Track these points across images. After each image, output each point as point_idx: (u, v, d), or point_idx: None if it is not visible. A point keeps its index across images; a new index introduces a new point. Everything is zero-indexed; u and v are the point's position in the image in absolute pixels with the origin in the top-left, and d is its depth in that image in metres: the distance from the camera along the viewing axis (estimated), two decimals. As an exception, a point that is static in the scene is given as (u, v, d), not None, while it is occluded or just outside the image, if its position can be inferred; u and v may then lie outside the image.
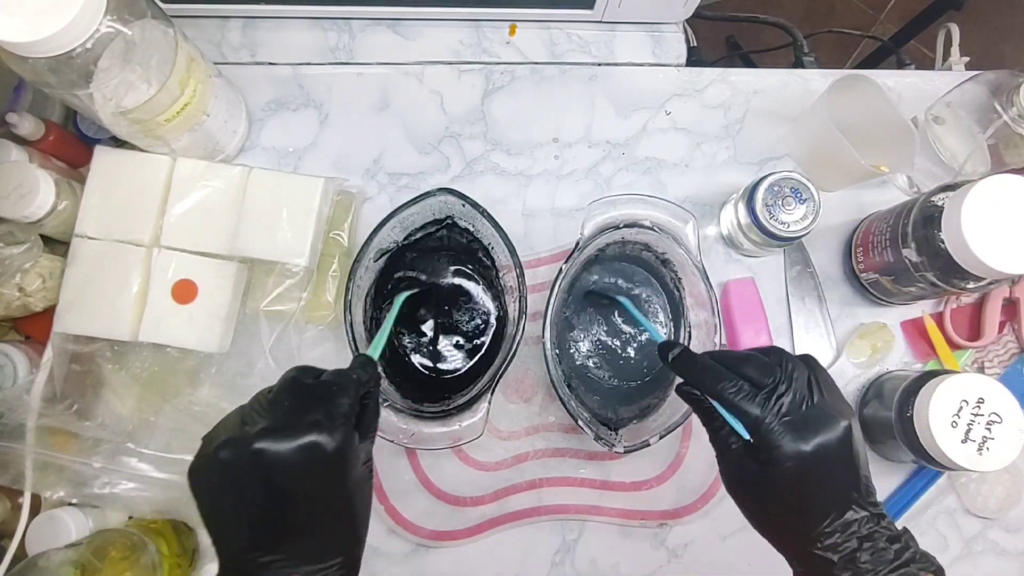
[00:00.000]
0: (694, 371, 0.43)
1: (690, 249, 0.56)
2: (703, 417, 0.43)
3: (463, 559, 0.61)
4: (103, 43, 0.46)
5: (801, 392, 0.40)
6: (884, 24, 1.53)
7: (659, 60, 0.72)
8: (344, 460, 0.37)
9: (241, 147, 0.66)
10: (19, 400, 0.56)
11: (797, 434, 0.38)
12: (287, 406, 0.38)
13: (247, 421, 0.37)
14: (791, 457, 0.38)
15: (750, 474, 0.40)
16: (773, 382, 0.40)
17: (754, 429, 0.39)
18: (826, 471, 0.38)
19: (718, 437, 0.42)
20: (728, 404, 0.40)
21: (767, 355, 0.42)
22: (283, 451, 0.35)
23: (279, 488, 0.35)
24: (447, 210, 0.58)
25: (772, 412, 0.39)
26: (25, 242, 0.56)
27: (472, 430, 0.52)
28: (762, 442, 0.39)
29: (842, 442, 0.38)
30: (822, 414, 0.39)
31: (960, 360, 0.65)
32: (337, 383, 0.40)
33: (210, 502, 0.36)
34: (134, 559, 0.53)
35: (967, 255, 0.52)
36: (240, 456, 0.35)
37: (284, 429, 0.35)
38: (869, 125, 0.62)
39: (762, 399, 0.39)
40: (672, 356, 0.45)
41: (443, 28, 0.70)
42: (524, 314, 0.53)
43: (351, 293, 0.53)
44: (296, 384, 0.39)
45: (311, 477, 0.36)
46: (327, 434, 0.36)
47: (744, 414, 0.39)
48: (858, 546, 0.37)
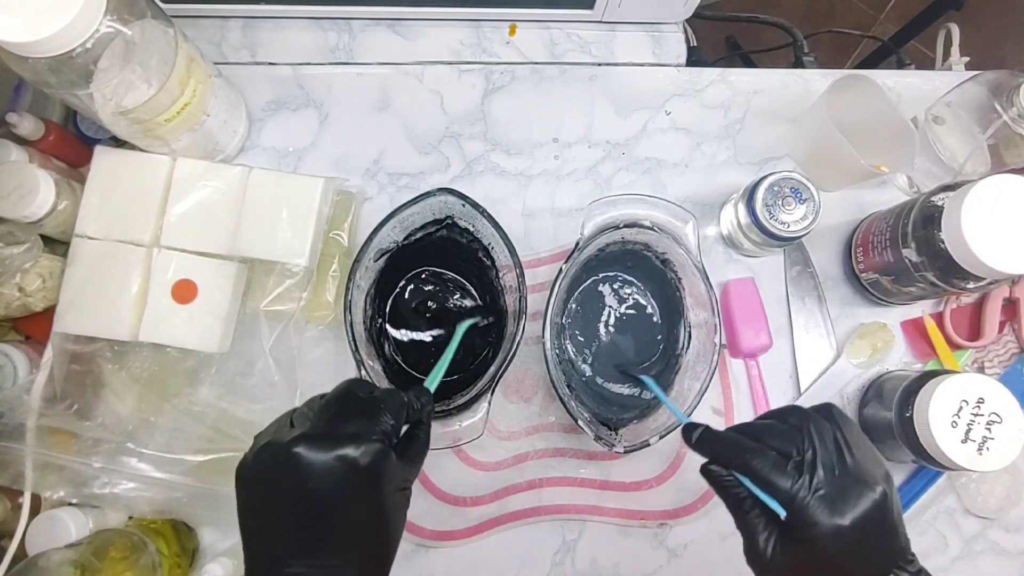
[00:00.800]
0: (719, 448, 0.41)
1: (690, 249, 0.56)
2: (729, 501, 0.41)
3: (463, 559, 0.61)
4: (103, 43, 0.46)
5: (830, 458, 0.38)
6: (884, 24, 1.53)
7: (659, 60, 0.72)
8: (377, 478, 0.36)
9: (241, 147, 0.66)
10: (19, 400, 0.56)
11: (833, 508, 0.36)
12: (332, 414, 0.38)
13: (295, 422, 0.37)
14: (829, 534, 0.36)
15: (785, 557, 0.38)
16: (800, 451, 0.38)
17: (787, 504, 0.37)
18: (865, 542, 0.36)
19: (746, 521, 0.40)
20: (758, 479, 0.38)
21: (787, 418, 0.40)
22: (317, 458, 0.35)
23: (310, 495, 0.35)
24: (447, 210, 0.58)
25: (804, 486, 0.37)
26: (25, 242, 0.56)
27: (472, 430, 0.52)
28: (797, 519, 0.37)
29: (878, 509, 0.36)
30: (856, 480, 0.37)
31: (960, 360, 0.65)
32: (385, 401, 0.40)
33: (245, 500, 0.36)
34: (134, 559, 0.53)
35: (967, 255, 0.52)
36: (277, 458, 0.35)
37: (322, 437, 0.36)
38: (869, 125, 0.62)
39: (793, 471, 0.37)
40: (695, 437, 0.42)
41: (443, 28, 0.70)
42: (524, 314, 0.53)
43: (351, 293, 0.53)
44: (347, 395, 0.40)
45: (342, 489, 0.35)
46: (364, 447, 0.36)
47: (776, 489, 0.37)
48: None
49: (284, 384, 0.60)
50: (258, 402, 0.60)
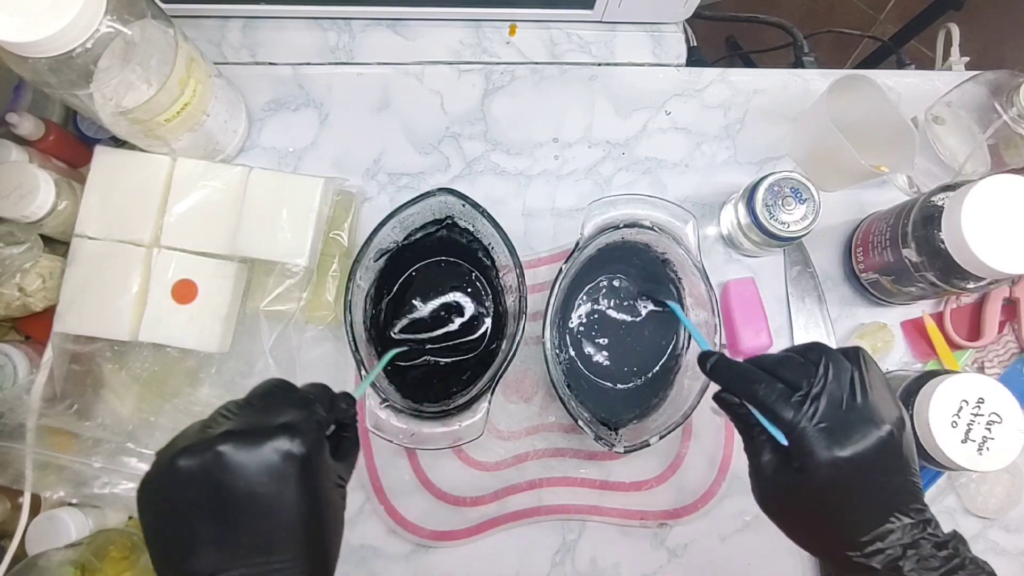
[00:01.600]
0: (730, 376, 0.42)
1: (690, 249, 0.56)
2: (740, 426, 0.42)
3: (463, 559, 0.61)
4: (103, 43, 0.46)
5: (840, 394, 0.38)
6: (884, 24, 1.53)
7: (659, 60, 0.72)
8: (313, 471, 0.35)
9: (241, 147, 0.66)
10: (19, 400, 0.56)
11: (833, 440, 0.36)
12: (257, 409, 0.36)
13: (211, 426, 0.35)
14: (825, 464, 0.36)
15: (784, 486, 0.39)
16: (809, 384, 0.38)
17: (788, 433, 0.38)
18: (864, 478, 0.36)
19: (753, 446, 0.41)
20: (763, 407, 0.39)
21: (808, 353, 0.40)
22: (248, 454, 0.33)
23: (243, 496, 0.32)
24: (447, 210, 0.58)
25: (806, 416, 0.37)
26: (25, 242, 0.56)
27: (472, 430, 0.52)
28: (796, 448, 0.37)
29: (881, 447, 0.36)
30: (862, 418, 0.37)
31: (960, 360, 0.65)
32: (314, 393, 0.39)
33: (161, 518, 0.33)
34: (134, 559, 0.53)
35: (967, 255, 0.52)
36: (201, 461, 0.32)
37: (251, 431, 0.33)
38: (869, 125, 0.62)
39: (797, 402, 0.37)
40: (710, 364, 0.43)
41: (443, 28, 0.70)
42: (524, 314, 0.53)
43: (351, 293, 0.53)
44: (270, 391, 0.38)
45: (280, 483, 0.33)
46: (298, 439, 0.34)
47: (778, 418, 0.38)
48: (902, 553, 0.36)
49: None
50: (258, 402, 0.60)
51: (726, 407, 0.43)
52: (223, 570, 0.32)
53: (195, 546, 0.32)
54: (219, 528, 0.32)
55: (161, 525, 0.33)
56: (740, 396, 0.41)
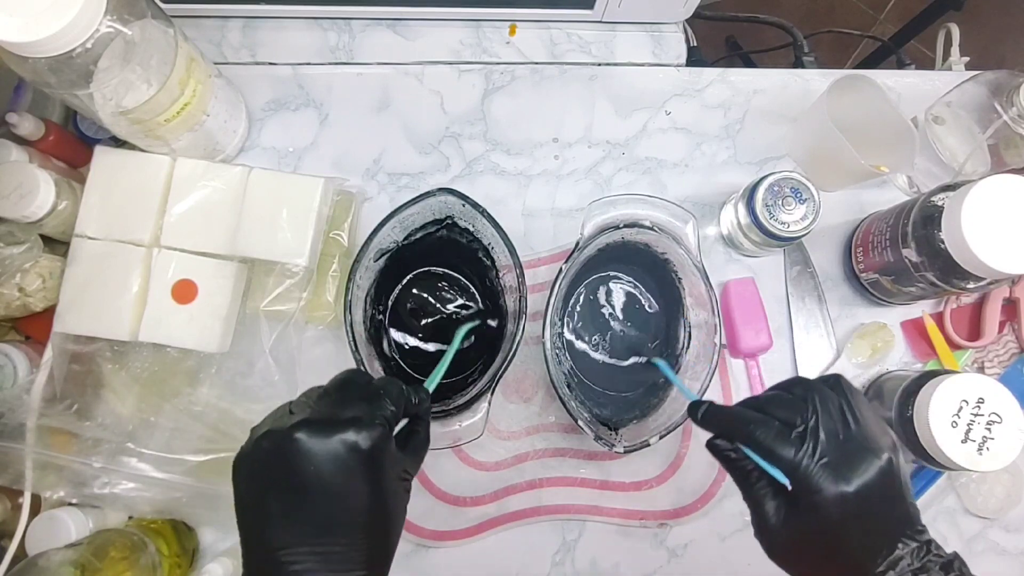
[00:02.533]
0: (723, 422, 0.42)
1: (690, 249, 0.56)
2: (736, 474, 0.41)
3: (463, 559, 0.61)
4: (103, 43, 0.46)
5: (834, 426, 0.38)
6: (884, 24, 1.53)
7: (659, 60, 0.72)
8: (379, 462, 0.36)
9: (241, 147, 0.66)
10: (19, 400, 0.56)
11: (837, 475, 0.36)
12: (333, 400, 0.39)
13: (293, 411, 0.37)
14: (834, 501, 0.36)
15: (791, 526, 0.38)
16: (804, 419, 0.38)
17: (791, 474, 0.37)
18: (871, 509, 0.36)
19: (753, 491, 0.40)
20: (761, 449, 0.38)
21: (792, 388, 0.40)
22: (319, 442, 0.35)
23: (313, 481, 0.35)
24: (447, 210, 0.58)
25: (807, 454, 0.37)
26: (25, 242, 0.56)
27: (472, 430, 0.52)
28: (801, 487, 0.37)
29: (884, 476, 0.36)
30: (860, 448, 0.37)
31: (960, 360, 0.65)
32: (385, 388, 0.40)
33: (246, 491, 0.36)
34: (134, 559, 0.53)
35: (967, 255, 0.52)
36: (278, 445, 0.35)
37: (324, 422, 0.36)
38: (869, 125, 0.62)
39: (796, 440, 0.37)
40: (701, 413, 0.43)
41: (443, 28, 0.70)
42: (524, 314, 0.53)
43: (351, 293, 0.53)
44: (346, 383, 0.40)
45: (344, 473, 0.35)
46: (365, 432, 0.36)
47: (778, 458, 0.37)
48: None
49: (284, 384, 0.60)
50: (258, 402, 0.60)
51: (719, 455, 0.42)
52: (290, 545, 0.34)
53: (269, 520, 0.35)
54: (289, 507, 0.35)
55: (244, 497, 0.37)
56: (737, 440, 0.41)
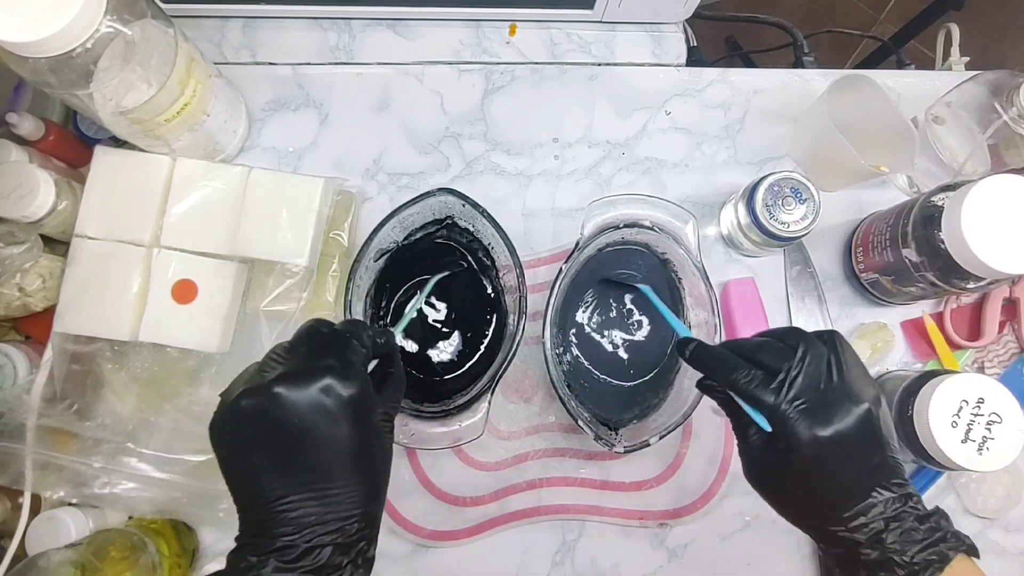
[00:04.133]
0: (710, 364, 0.44)
1: (690, 249, 0.56)
2: (726, 409, 0.44)
3: (463, 559, 0.61)
4: (103, 43, 0.46)
5: (818, 375, 0.39)
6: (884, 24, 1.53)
7: (659, 60, 0.72)
8: (359, 405, 0.37)
9: (241, 147, 0.66)
10: (19, 400, 0.56)
11: (814, 420, 0.38)
12: (303, 352, 0.39)
13: (265, 370, 0.38)
14: (808, 444, 0.38)
15: (770, 462, 0.40)
16: (788, 367, 0.39)
17: (770, 417, 0.39)
18: (846, 455, 0.38)
19: (739, 426, 0.42)
20: (743, 394, 0.40)
21: (785, 337, 0.41)
22: (300, 394, 0.36)
23: (298, 431, 0.36)
24: (447, 210, 0.58)
25: (786, 399, 0.38)
26: (25, 242, 0.56)
27: (472, 430, 0.52)
28: (779, 430, 0.39)
29: (861, 425, 0.38)
30: (840, 397, 0.38)
31: (960, 360, 0.65)
32: (351, 331, 0.41)
33: (231, 452, 0.37)
34: (134, 559, 0.53)
35: (967, 255, 0.52)
36: (260, 402, 0.36)
37: (301, 373, 0.37)
38: (869, 125, 0.62)
39: (776, 386, 0.39)
40: (689, 351, 0.45)
41: (443, 28, 0.70)
42: (524, 314, 0.53)
43: (351, 293, 0.53)
44: (312, 333, 0.41)
45: (330, 420, 0.36)
46: (341, 378, 0.37)
47: (759, 403, 0.39)
48: (884, 527, 0.37)
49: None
50: (258, 402, 0.60)
51: (709, 392, 0.45)
52: (287, 495, 0.35)
53: (261, 475, 0.36)
54: (280, 460, 0.36)
55: (231, 458, 0.37)
56: (720, 383, 0.43)
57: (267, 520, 0.35)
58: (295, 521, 0.35)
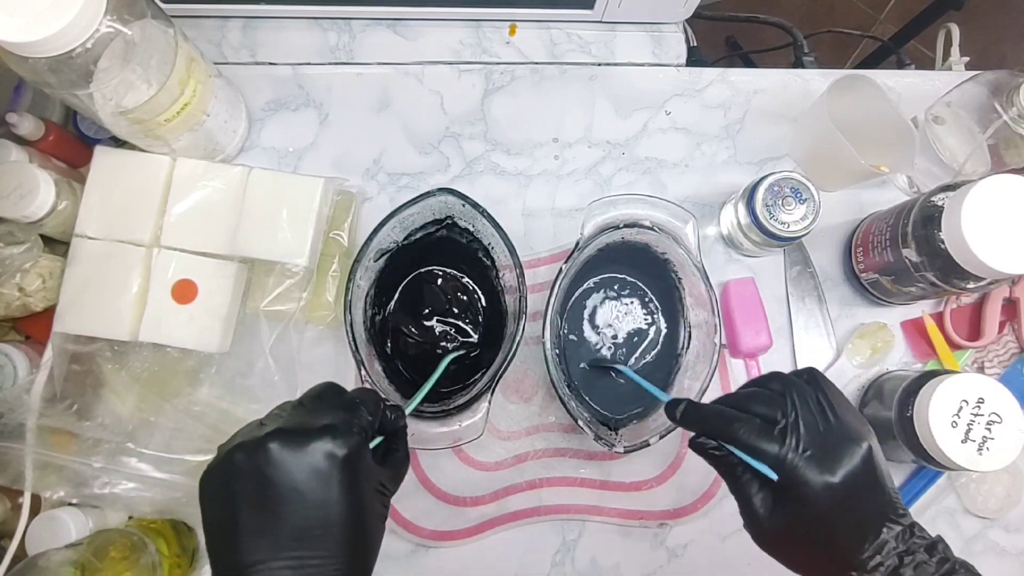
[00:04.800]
0: (704, 421, 0.42)
1: (690, 249, 0.56)
2: (722, 470, 0.42)
3: (463, 559, 0.61)
4: (103, 43, 0.46)
5: (813, 418, 0.39)
6: (884, 24, 1.53)
7: (659, 60, 0.72)
8: (354, 471, 0.36)
9: (241, 147, 0.66)
10: (19, 400, 0.56)
11: (822, 466, 0.37)
12: (306, 411, 0.38)
13: (265, 423, 0.37)
14: (820, 492, 0.37)
15: (780, 522, 0.39)
16: (784, 414, 0.39)
17: (776, 467, 0.38)
18: (857, 497, 0.37)
19: (740, 486, 0.41)
20: (745, 446, 0.39)
21: (769, 384, 0.41)
22: (293, 452, 0.34)
23: (285, 490, 0.34)
24: (447, 210, 0.58)
25: (791, 448, 0.38)
26: (25, 242, 0.56)
27: (472, 430, 0.52)
28: (788, 480, 0.38)
29: (867, 464, 0.38)
30: (842, 439, 0.38)
31: (960, 360, 0.65)
32: (361, 398, 0.40)
33: (215, 506, 0.35)
34: (134, 559, 0.53)
35: (967, 255, 0.52)
36: (252, 456, 0.34)
37: (297, 431, 0.35)
38: (869, 125, 0.62)
39: (779, 435, 0.38)
40: (679, 413, 0.43)
41: (443, 28, 0.70)
42: (524, 314, 0.53)
43: (351, 293, 0.53)
44: (320, 394, 0.40)
45: (320, 482, 0.35)
46: (340, 440, 0.35)
47: (763, 454, 0.38)
48: (899, 563, 0.36)
49: (284, 384, 0.60)
50: (258, 402, 0.60)
51: (703, 453, 0.43)
52: (265, 560, 0.33)
53: (241, 536, 0.34)
54: (264, 519, 0.34)
55: (215, 513, 0.36)
56: (719, 439, 0.41)
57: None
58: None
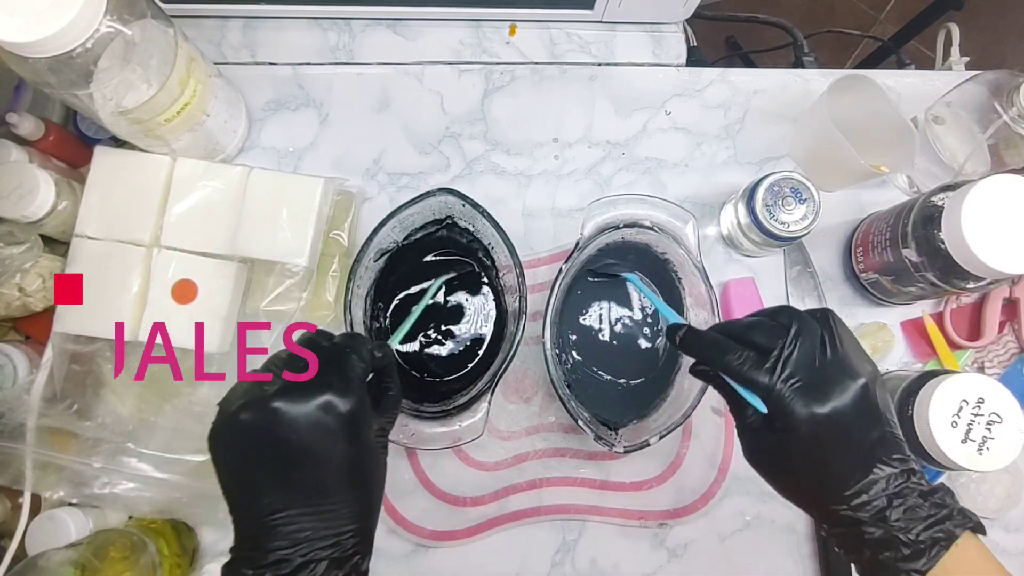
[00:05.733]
0: (701, 348, 0.43)
1: (690, 249, 0.56)
2: (721, 392, 0.43)
3: (463, 559, 0.61)
4: (103, 43, 0.46)
5: (812, 353, 0.38)
6: (884, 24, 1.53)
7: (659, 60, 0.72)
8: (357, 423, 0.38)
9: (241, 147, 0.66)
10: (19, 400, 0.56)
11: (810, 398, 0.37)
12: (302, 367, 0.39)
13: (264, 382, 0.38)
14: (805, 422, 0.37)
15: (768, 443, 0.40)
16: (781, 346, 0.39)
17: (766, 397, 0.39)
18: (844, 432, 0.37)
19: (735, 408, 0.42)
20: (736, 376, 0.40)
21: (777, 316, 0.41)
22: (299, 409, 0.36)
23: (296, 447, 0.36)
24: (447, 210, 0.58)
25: (780, 378, 0.38)
26: (25, 242, 0.56)
27: (472, 430, 0.52)
28: (775, 410, 0.38)
29: (858, 401, 0.37)
30: (835, 374, 0.38)
31: (960, 360, 0.65)
32: (350, 346, 0.41)
33: (229, 463, 0.37)
34: (134, 559, 0.53)
35: (967, 255, 0.52)
36: (259, 416, 0.36)
37: (300, 389, 0.37)
38: (869, 125, 0.62)
39: (770, 366, 0.38)
40: (679, 337, 0.44)
41: (443, 28, 0.70)
42: (524, 314, 0.53)
43: (351, 293, 0.53)
44: (312, 345, 0.41)
45: (327, 436, 0.37)
46: (340, 395, 0.37)
47: (754, 384, 0.39)
48: (888, 504, 0.36)
49: (284, 384, 0.60)
50: (258, 402, 0.60)
51: (703, 377, 0.45)
52: (284, 509, 0.35)
53: (258, 489, 0.36)
54: (277, 474, 0.36)
55: (229, 470, 0.37)
56: (713, 367, 0.42)
57: (262, 534, 0.35)
58: (291, 535, 0.35)
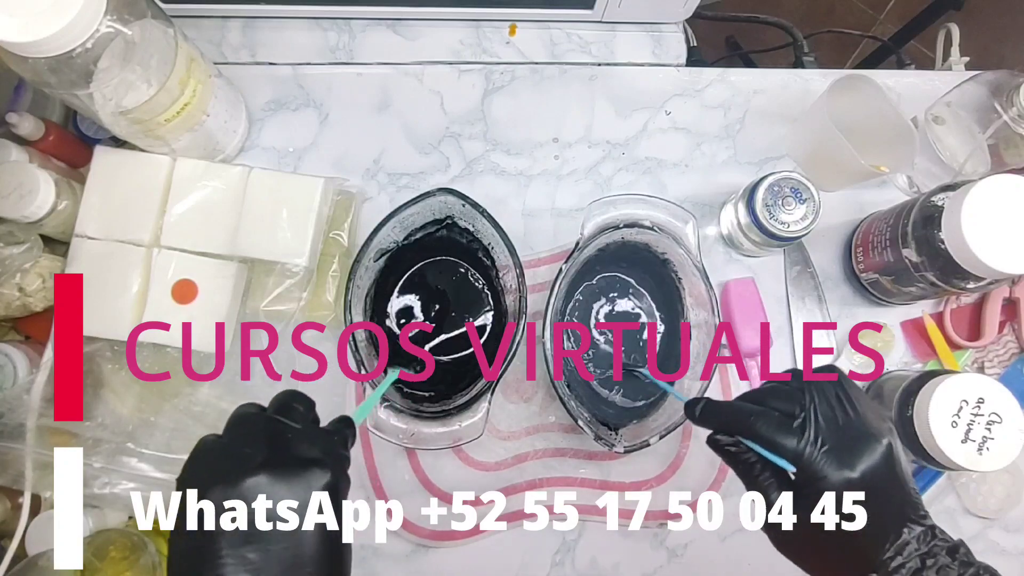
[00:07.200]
0: (722, 417, 0.42)
1: (690, 249, 0.56)
2: (739, 468, 0.41)
3: (463, 559, 0.61)
4: (103, 43, 0.46)
5: (832, 414, 0.38)
6: (884, 24, 1.53)
7: (659, 60, 0.72)
8: (339, 502, 0.36)
9: (241, 147, 0.66)
10: (19, 400, 0.56)
11: (841, 461, 0.36)
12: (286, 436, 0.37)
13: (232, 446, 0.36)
14: (839, 487, 0.36)
15: (797, 516, 0.38)
16: (802, 409, 0.38)
17: (795, 462, 0.37)
18: (877, 495, 0.37)
19: (757, 484, 0.40)
20: (763, 440, 0.38)
21: (789, 381, 0.40)
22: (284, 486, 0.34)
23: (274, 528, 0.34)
24: (447, 210, 0.58)
25: (809, 442, 0.37)
26: (25, 242, 0.56)
27: (472, 430, 0.52)
28: (805, 476, 0.37)
29: (887, 460, 0.37)
30: (861, 434, 0.37)
31: (960, 360, 0.65)
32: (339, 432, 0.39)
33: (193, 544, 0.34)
34: (134, 559, 0.53)
35: (967, 255, 0.52)
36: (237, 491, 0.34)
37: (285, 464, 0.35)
38: (869, 125, 0.62)
39: (797, 429, 0.38)
40: (699, 411, 0.43)
41: (443, 28, 0.70)
42: (524, 314, 0.53)
43: (351, 293, 0.53)
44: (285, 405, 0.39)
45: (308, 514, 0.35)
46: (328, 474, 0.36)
47: (781, 448, 0.38)
48: (921, 564, 0.35)
49: (284, 384, 0.60)
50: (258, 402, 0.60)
51: (720, 451, 0.42)
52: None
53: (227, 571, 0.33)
54: (253, 554, 0.33)
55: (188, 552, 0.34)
56: (738, 433, 0.41)
57: None
58: None
